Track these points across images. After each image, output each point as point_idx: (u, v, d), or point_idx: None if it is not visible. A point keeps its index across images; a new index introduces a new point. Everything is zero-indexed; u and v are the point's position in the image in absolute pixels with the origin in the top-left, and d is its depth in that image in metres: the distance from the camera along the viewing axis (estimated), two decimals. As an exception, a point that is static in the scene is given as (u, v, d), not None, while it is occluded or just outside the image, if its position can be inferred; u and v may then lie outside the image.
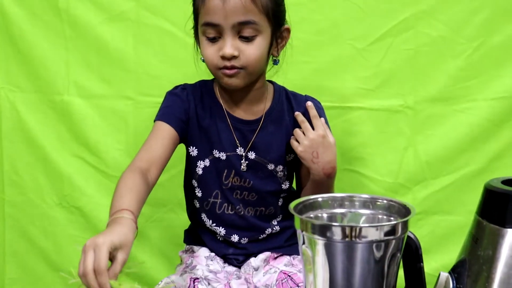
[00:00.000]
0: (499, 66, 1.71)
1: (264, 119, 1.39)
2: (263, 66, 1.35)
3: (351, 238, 0.80)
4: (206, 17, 1.27)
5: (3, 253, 1.89)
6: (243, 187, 1.40)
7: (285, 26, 1.36)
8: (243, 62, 1.27)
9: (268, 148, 1.39)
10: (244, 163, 1.38)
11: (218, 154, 1.38)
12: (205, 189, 1.41)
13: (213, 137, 1.39)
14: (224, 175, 1.39)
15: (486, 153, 1.74)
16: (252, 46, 1.27)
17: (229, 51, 1.25)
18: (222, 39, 1.27)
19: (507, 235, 0.83)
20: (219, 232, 1.42)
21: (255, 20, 1.25)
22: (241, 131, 1.39)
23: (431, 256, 1.72)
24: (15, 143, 1.84)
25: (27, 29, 1.78)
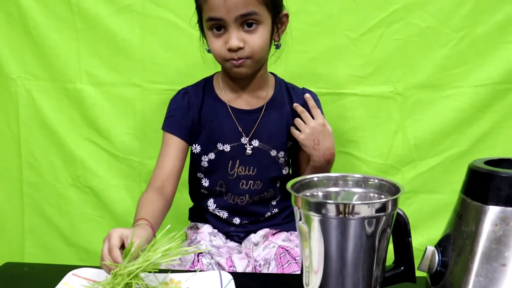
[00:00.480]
0: (483, 55, 1.70)
1: (266, 107, 1.39)
2: (267, 53, 1.34)
3: (345, 215, 0.81)
4: (210, 12, 1.25)
5: (22, 230, 1.90)
6: (248, 176, 1.39)
7: (283, 12, 1.35)
8: (248, 52, 1.27)
9: (270, 135, 1.39)
10: (249, 147, 1.38)
11: (222, 147, 1.38)
12: (212, 179, 1.41)
13: (216, 132, 1.38)
14: (229, 166, 1.38)
15: (470, 136, 1.74)
16: (256, 35, 1.27)
17: (235, 43, 1.24)
18: (227, 32, 1.26)
19: (489, 211, 0.83)
20: (222, 215, 1.43)
21: (256, 11, 1.24)
22: (244, 121, 1.38)
23: (419, 232, 1.73)
24: (32, 128, 1.84)
25: (41, 21, 1.77)
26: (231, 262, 1.31)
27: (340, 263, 0.83)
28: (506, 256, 0.81)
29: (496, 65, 1.69)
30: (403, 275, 0.92)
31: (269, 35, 1.30)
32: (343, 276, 0.83)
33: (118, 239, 0.97)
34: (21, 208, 1.89)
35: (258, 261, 1.35)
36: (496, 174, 0.84)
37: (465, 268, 0.84)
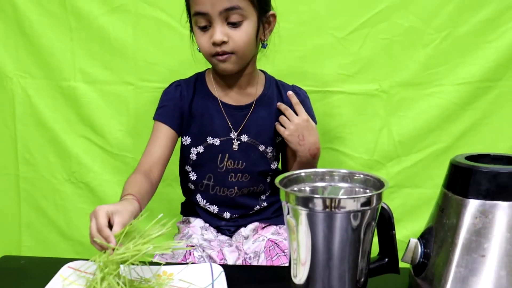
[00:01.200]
0: (464, 54, 1.71)
1: (256, 104, 1.39)
2: (252, 50, 1.32)
3: (331, 209, 0.81)
4: (195, 7, 1.25)
5: (19, 224, 1.89)
6: (237, 169, 1.39)
7: (270, 12, 1.34)
8: (232, 47, 1.26)
9: (259, 131, 1.39)
10: (236, 143, 1.37)
11: (212, 141, 1.37)
12: (199, 172, 1.41)
13: (207, 126, 1.38)
14: (218, 159, 1.38)
15: (452, 132, 1.75)
16: (240, 31, 1.26)
17: (219, 37, 1.24)
18: (212, 27, 1.25)
19: (469, 205, 0.84)
20: (212, 210, 1.43)
21: (240, 5, 1.23)
22: (234, 116, 1.38)
23: (403, 225, 1.74)
24: (27, 125, 1.83)
25: (35, 20, 1.77)
26: (222, 255, 1.31)
27: (326, 256, 0.83)
28: (486, 247, 0.82)
29: (477, 64, 1.70)
30: (388, 267, 0.92)
31: (254, 32, 1.29)
32: (330, 268, 0.83)
33: (105, 218, 0.96)
34: (18, 203, 1.89)
35: (248, 253, 1.35)
36: (476, 169, 0.85)
37: (446, 259, 0.84)
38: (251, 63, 1.37)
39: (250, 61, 1.36)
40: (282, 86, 1.45)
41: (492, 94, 1.72)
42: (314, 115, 1.45)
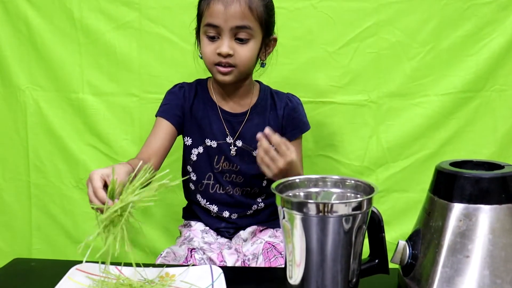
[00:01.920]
0: (447, 67, 1.71)
1: (250, 112, 1.39)
2: (252, 66, 1.35)
3: (324, 213, 0.80)
4: (209, 18, 1.26)
5: (29, 228, 1.88)
6: (231, 170, 1.39)
7: (273, 36, 1.37)
8: (236, 61, 1.27)
9: (253, 137, 1.35)
10: (233, 149, 1.37)
11: (210, 143, 1.38)
12: (199, 172, 1.41)
13: (206, 128, 1.38)
14: (215, 160, 1.38)
15: (437, 140, 1.74)
16: (246, 47, 1.28)
17: (226, 49, 1.25)
18: (220, 39, 1.27)
19: (453, 208, 0.84)
20: (212, 209, 1.42)
21: (251, 25, 1.26)
22: (230, 122, 1.38)
23: (392, 227, 1.73)
24: (38, 134, 1.83)
25: (47, 37, 1.77)
26: (222, 257, 1.31)
27: (320, 257, 0.82)
28: (470, 248, 0.81)
29: (459, 76, 1.71)
30: (378, 267, 0.92)
31: (257, 51, 1.31)
32: (323, 269, 0.83)
33: (99, 180, 0.97)
34: (28, 208, 1.88)
35: (247, 255, 1.34)
36: (460, 175, 0.84)
37: (433, 260, 0.84)
38: (248, 76, 1.38)
39: (248, 75, 1.37)
40: (276, 94, 1.45)
41: (473, 104, 1.72)
42: (307, 121, 1.46)
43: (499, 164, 0.89)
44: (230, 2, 1.24)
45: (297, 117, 1.43)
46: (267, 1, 1.32)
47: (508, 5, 1.67)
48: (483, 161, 0.93)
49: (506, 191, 0.83)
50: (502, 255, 0.80)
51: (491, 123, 1.73)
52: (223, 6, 1.24)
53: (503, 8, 1.67)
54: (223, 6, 1.24)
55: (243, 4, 1.24)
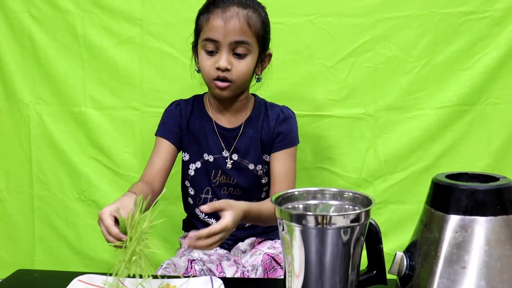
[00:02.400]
0: (442, 81, 1.72)
1: (244, 126, 1.38)
2: (248, 81, 1.34)
3: (323, 225, 0.80)
4: (208, 33, 1.26)
5: (32, 239, 1.88)
6: (228, 184, 1.38)
7: (268, 51, 1.37)
8: (233, 76, 1.27)
9: (247, 151, 1.38)
10: (229, 162, 1.37)
11: (207, 157, 1.37)
12: (197, 187, 1.40)
13: (203, 143, 1.38)
14: (212, 174, 1.38)
15: (433, 152, 1.75)
16: (243, 62, 1.28)
17: (224, 64, 1.25)
18: (219, 53, 1.26)
19: (450, 220, 0.83)
20: (211, 223, 1.40)
21: (249, 41, 1.26)
22: (225, 137, 1.38)
23: (389, 238, 1.73)
24: (41, 147, 1.83)
25: (50, 52, 1.79)
26: (221, 268, 1.30)
27: (319, 268, 0.82)
28: (466, 259, 0.81)
29: (453, 90, 1.71)
30: (376, 278, 0.91)
31: (254, 66, 1.31)
32: (322, 280, 0.82)
33: (110, 218, 0.97)
34: (31, 220, 1.88)
35: (246, 267, 1.33)
36: (456, 187, 0.84)
37: (430, 271, 0.84)
38: (244, 91, 1.38)
39: (244, 90, 1.37)
40: (271, 107, 1.43)
41: (468, 117, 1.73)
42: (297, 135, 1.41)
43: (494, 176, 0.89)
44: (230, 17, 1.24)
45: (287, 128, 1.39)
46: (264, 17, 1.32)
47: (501, 20, 1.68)
48: (478, 173, 0.93)
49: (501, 203, 0.83)
50: (498, 266, 0.80)
51: (485, 136, 1.73)
52: (223, 21, 1.24)
53: (496, 23, 1.68)
54: (223, 21, 1.24)
55: (242, 20, 1.25)
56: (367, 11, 1.71)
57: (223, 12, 1.25)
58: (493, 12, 1.68)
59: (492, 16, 1.68)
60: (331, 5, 1.72)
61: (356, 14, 1.71)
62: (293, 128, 1.41)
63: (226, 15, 1.24)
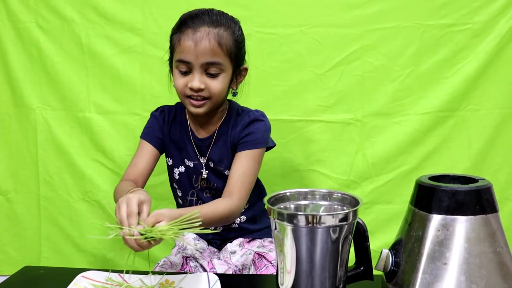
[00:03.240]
0: (426, 88, 1.73)
1: (216, 136, 1.31)
2: (224, 97, 1.28)
3: (313, 224, 0.80)
4: (180, 55, 1.20)
5: (39, 238, 1.87)
6: (209, 187, 1.34)
7: (244, 66, 1.30)
8: (208, 94, 1.21)
9: (221, 159, 1.32)
10: (205, 172, 1.32)
11: (188, 163, 1.33)
12: (183, 190, 1.37)
13: (183, 149, 1.33)
14: (193, 179, 1.34)
15: (417, 155, 1.75)
16: (216, 81, 1.21)
17: (197, 84, 1.19)
18: (192, 74, 1.21)
19: (432, 219, 0.84)
20: None
21: (220, 61, 1.20)
22: (200, 146, 1.33)
23: (376, 236, 1.73)
24: (48, 150, 1.83)
25: (57, 60, 1.78)
26: (212, 265, 1.28)
27: (309, 265, 0.82)
28: (447, 256, 0.81)
29: (436, 97, 1.72)
30: (363, 274, 0.91)
31: (228, 83, 1.25)
32: (312, 276, 0.83)
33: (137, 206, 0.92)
34: (38, 219, 1.87)
35: (237, 266, 1.31)
36: (438, 188, 0.84)
37: (414, 267, 0.84)
38: (221, 105, 1.32)
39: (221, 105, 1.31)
40: (242, 112, 1.34)
41: (450, 122, 1.74)
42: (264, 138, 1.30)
43: (474, 178, 0.89)
44: (200, 38, 1.17)
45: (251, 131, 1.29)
46: (236, 34, 1.25)
47: (480, 32, 1.69)
48: (459, 175, 0.93)
49: (480, 203, 0.83)
50: (477, 262, 0.80)
51: (466, 140, 1.74)
52: (193, 43, 1.17)
53: (475, 35, 1.70)
54: (193, 43, 1.17)
55: (213, 41, 1.18)
56: (355, 22, 1.72)
57: (194, 32, 1.18)
58: (473, 25, 1.69)
59: (472, 28, 1.69)
60: (321, 17, 1.72)
61: (345, 25, 1.72)
62: (258, 131, 1.30)
63: (197, 36, 1.18)
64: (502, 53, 1.70)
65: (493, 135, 1.74)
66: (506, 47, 1.70)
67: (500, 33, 1.69)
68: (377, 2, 1.71)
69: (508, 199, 1.75)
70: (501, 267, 0.81)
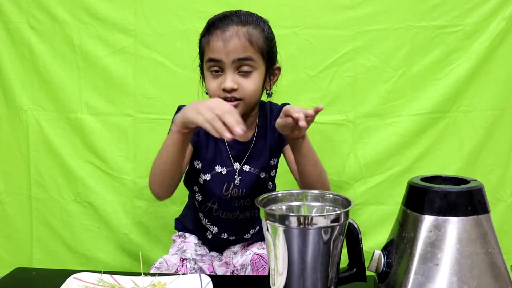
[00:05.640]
0: (418, 90, 1.73)
1: (255, 138, 1.30)
2: (258, 97, 1.26)
3: (305, 225, 0.80)
4: (210, 54, 1.19)
5: (30, 239, 1.85)
6: (240, 196, 1.31)
7: (276, 65, 1.29)
8: (241, 94, 1.19)
9: (258, 160, 1.30)
10: (238, 177, 1.29)
11: (220, 169, 1.29)
12: (205, 196, 1.33)
13: (216, 155, 1.29)
14: (224, 187, 1.29)
15: (409, 156, 1.76)
16: (249, 80, 1.19)
17: (229, 84, 1.17)
18: (224, 74, 1.19)
19: (424, 220, 0.84)
20: (212, 230, 1.35)
21: (252, 57, 1.18)
22: (237, 150, 1.30)
23: (368, 237, 1.73)
24: (39, 151, 1.81)
25: (48, 61, 1.77)
26: (212, 268, 1.28)
27: (301, 266, 0.82)
28: (439, 257, 0.81)
29: (428, 98, 1.73)
30: (356, 276, 0.91)
31: (262, 82, 1.23)
32: (304, 277, 0.82)
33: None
34: (30, 221, 1.85)
35: (236, 266, 1.31)
36: (430, 189, 0.84)
37: (406, 268, 0.84)
38: (255, 107, 1.30)
39: (255, 107, 1.29)
40: (272, 112, 1.34)
41: (441, 124, 1.74)
42: None
43: (465, 179, 0.89)
44: (229, 37, 1.16)
45: None
46: (267, 32, 1.24)
47: (471, 34, 1.70)
48: (451, 177, 0.93)
49: (472, 204, 0.83)
50: (469, 263, 0.80)
51: (457, 141, 1.74)
52: (223, 42, 1.16)
53: (467, 37, 1.71)
54: (223, 42, 1.16)
55: (243, 38, 1.17)
56: (348, 24, 1.72)
57: (223, 32, 1.17)
58: (464, 26, 1.70)
59: (463, 30, 1.70)
60: (314, 18, 1.72)
61: (338, 27, 1.72)
62: None
63: (226, 35, 1.17)
64: (493, 55, 1.71)
65: (485, 136, 1.74)
66: (497, 49, 1.71)
67: (491, 35, 1.70)
68: (369, 3, 1.71)
69: (499, 200, 1.76)
70: (493, 268, 0.81)
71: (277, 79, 1.31)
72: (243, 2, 1.68)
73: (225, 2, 1.59)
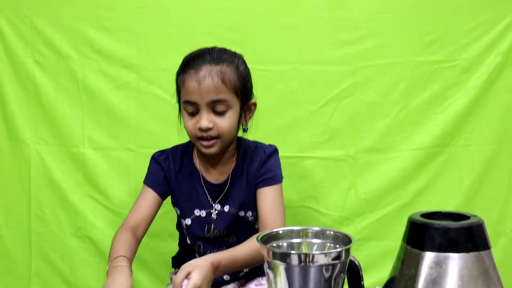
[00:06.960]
0: (417, 124, 1.73)
1: (231, 178, 1.31)
2: (234, 134, 1.28)
3: (306, 263, 0.80)
4: (185, 96, 1.22)
5: (29, 274, 1.83)
6: (223, 235, 1.32)
7: (252, 101, 1.30)
8: (217, 132, 1.22)
9: (237, 200, 1.31)
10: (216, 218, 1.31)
11: (198, 213, 1.32)
12: (191, 238, 1.35)
13: (193, 199, 1.32)
14: (205, 229, 1.32)
15: (409, 191, 1.75)
16: (224, 119, 1.22)
17: (205, 124, 1.20)
18: (199, 114, 1.21)
19: (425, 257, 0.84)
20: None
21: (226, 98, 1.20)
22: (213, 192, 1.32)
23: (369, 274, 1.70)
24: (41, 185, 1.81)
25: (52, 95, 1.78)
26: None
27: (302, 304, 0.81)
28: (441, 295, 0.81)
29: (427, 132, 1.73)
30: (357, 313, 0.91)
31: (237, 119, 1.25)
32: (305, 315, 0.82)
33: None
34: (29, 255, 1.83)
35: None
36: (430, 226, 0.85)
37: (408, 306, 0.83)
38: (232, 143, 1.32)
39: (232, 142, 1.31)
40: (256, 149, 1.35)
41: (441, 158, 1.74)
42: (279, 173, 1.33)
43: (466, 215, 0.90)
44: (203, 77, 1.18)
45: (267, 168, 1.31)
46: (240, 70, 1.25)
47: (469, 69, 1.72)
48: (451, 212, 0.94)
49: (472, 240, 0.83)
50: (471, 301, 0.80)
51: (457, 175, 1.74)
52: (197, 83, 1.18)
53: (465, 71, 1.72)
54: (197, 83, 1.18)
55: (216, 78, 1.18)
56: (347, 59, 1.74)
57: (196, 72, 1.19)
58: (461, 61, 1.72)
59: (461, 65, 1.72)
60: (314, 54, 1.74)
61: (338, 62, 1.74)
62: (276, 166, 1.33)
63: (199, 75, 1.18)
64: (490, 89, 1.72)
65: (484, 170, 1.74)
66: (494, 83, 1.72)
67: (488, 69, 1.71)
68: (368, 39, 1.73)
69: (501, 234, 1.75)
70: (495, 306, 0.80)
71: (252, 114, 1.33)
72: (244, 39, 1.72)
73: (226, 39, 1.62)
